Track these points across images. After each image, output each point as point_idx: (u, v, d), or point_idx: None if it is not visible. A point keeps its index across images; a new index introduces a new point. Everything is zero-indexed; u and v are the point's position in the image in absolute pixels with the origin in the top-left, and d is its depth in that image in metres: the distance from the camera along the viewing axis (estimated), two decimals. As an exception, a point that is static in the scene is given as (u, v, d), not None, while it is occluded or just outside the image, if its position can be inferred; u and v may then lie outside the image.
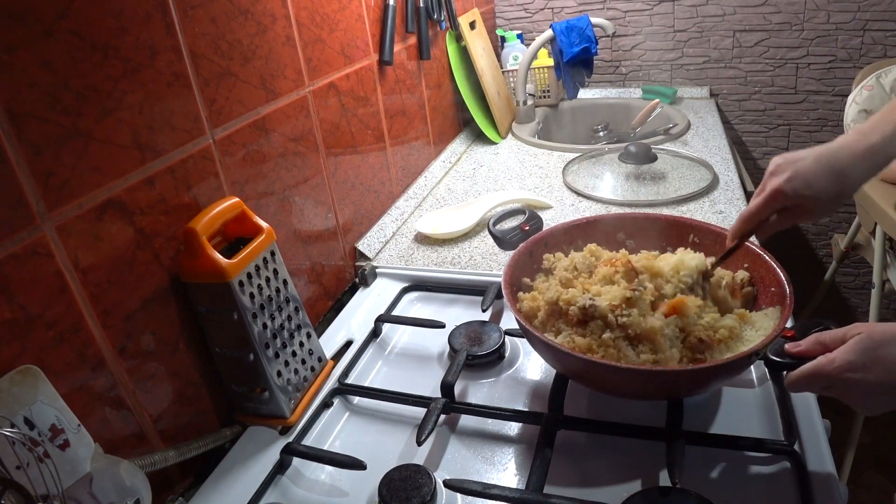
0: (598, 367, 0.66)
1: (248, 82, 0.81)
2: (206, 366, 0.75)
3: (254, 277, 0.74)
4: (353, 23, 1.07)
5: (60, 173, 0.57)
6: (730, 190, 1.25)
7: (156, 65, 0.67)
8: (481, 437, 0.76)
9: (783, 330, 0.66)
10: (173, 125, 0.69)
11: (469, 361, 0.84)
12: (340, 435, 0.79)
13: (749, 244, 0.81)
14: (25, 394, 0.51)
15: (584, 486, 0.68)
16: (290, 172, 0.91)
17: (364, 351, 0.92)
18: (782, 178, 0.65)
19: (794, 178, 0.64)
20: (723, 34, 1.80)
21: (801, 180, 0.64)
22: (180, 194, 0.71)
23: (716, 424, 0.72)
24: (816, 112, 1.85)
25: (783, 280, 0.73)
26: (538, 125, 1.78)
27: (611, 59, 1.96)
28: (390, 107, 1.23)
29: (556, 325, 0.75)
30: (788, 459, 0.67)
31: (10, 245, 0.53)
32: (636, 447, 0.70)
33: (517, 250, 0.85)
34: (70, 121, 0.57)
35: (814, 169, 0.64)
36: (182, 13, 0.69)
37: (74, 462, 0.54)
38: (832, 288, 2.02)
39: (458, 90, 1.58)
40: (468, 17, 1.60)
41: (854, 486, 1.66)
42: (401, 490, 0.65)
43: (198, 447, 0.71)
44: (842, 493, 0.63)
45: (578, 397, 0.78)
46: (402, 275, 1.09)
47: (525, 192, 1.35)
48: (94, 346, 0.61)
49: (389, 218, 1.23)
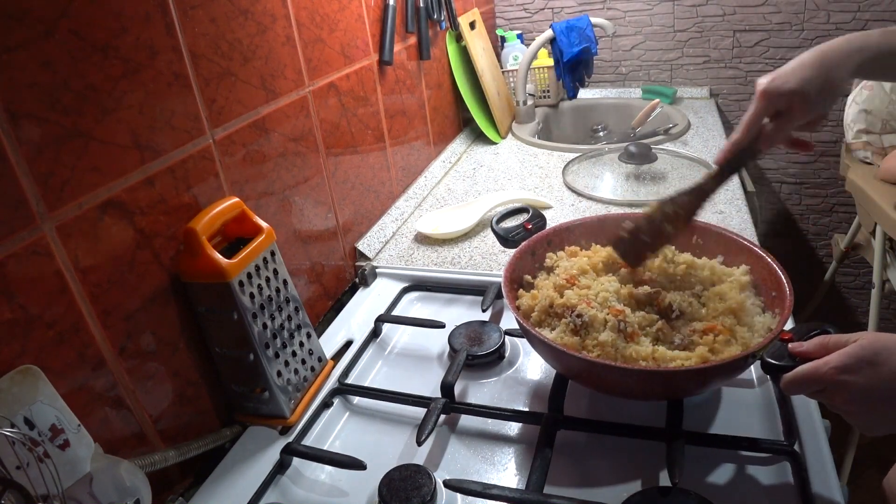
0: (598, 367, 0.66)
1: (248, 82, 0.81)
2: (206, 366, 0.75)
3: (254, 277, 0.74)
4: (353, 23, 1.07)
5: (60, 173, 0.57)
6: (730, 190, 1.25)
7: (156, 65, 0.67)
8: (481, 437, 0.76)
9: (781, 332, 0.66)
10: (173, 125, 0.69)
11: (469, 361, 0.84)
12: (340, 435, 0.79)
13: (749, 244, 0.81)
14: (25, 394, 0.51)
15: (584, 486, 0.68)
16: (290, 172, 0.91)
17: (364, 351, 0.92)
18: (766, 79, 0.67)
19: (776, 77, 0.67)
20: (723, 34, 1.80)
21: (783, 77, 0.66)
22: (180, 194, 0.71)
23: (716, 424, 0.72)
24: (816, 112, 1.85)
25: (783, 281, 0.73)
26: (538, 125, 1.78)
27: (611, 59, 1.96)
28: (390, 107, 1.23)
29: (550, 323, 0.76)
30: (788, 459, 0.67)
31: (10, 245, 0.53)
32: (636, 447, 0.70)
33: (519, 248, 0.85)
34: (70, 121, 0.57)
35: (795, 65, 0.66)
36: (182, 13, 0.69)
37: (74, 462, 0.54)
38: (832, 288, 2.02)
39: (458, 90, 1.58)
40: (468, 17, 1.60)
41: (854, 486, 1.66)
42: (401, 490, 0.65)
43: (198, 447, 0.71)
44: (842, 493, 0.63)
45: (578, 397, 0.78)
46: (402, 275, 1.09)
47: (525, 191, 1.35)
48: (94, 346, 0.61)
49: (389, 218, 1.23)
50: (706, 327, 0.72)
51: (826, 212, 2.00)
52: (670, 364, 0.68)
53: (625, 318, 0.71)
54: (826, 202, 1.98)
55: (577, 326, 0.71)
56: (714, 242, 0.85)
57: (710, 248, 0.85)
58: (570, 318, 0.72)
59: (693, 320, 0.74)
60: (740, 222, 1.12)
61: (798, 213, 2.03)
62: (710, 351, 0.69)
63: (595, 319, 0.71)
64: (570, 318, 0.72)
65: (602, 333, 0.70)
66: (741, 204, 1.19)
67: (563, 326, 0.73)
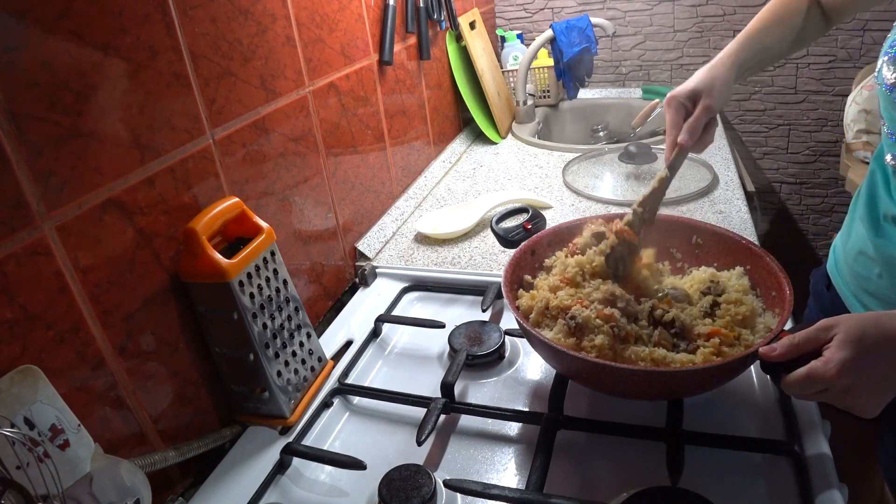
0: (598, 368, 0.66)
1: (248, 82, 0.81)
2: (206, 366, 0.75)
3: (254, 277, 0.74)
4: (353, 23, 1.07)
5: (60, 173, 0.57)
6: (730, 190, 1.25)
7: (156, 65, 0.67)
8: (481, 437, 0.76)
9: (781, 332, 0.66)
10: (173, 125, 0.69)
11: (469, 361, 0.84)
12: (340, 435, 0.79)
13: (749, 244, 0.81)
14: (25, 394, 0.51)
15: (584, 486, 0.68)
16: (290, 172, 0.91)
17: (364, 351, 0.92)
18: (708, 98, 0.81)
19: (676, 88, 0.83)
20: (723, 34, 1.80)
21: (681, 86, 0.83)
22: (180, 194, 0.71)
23: (716, 424, 0.72)
24: (816, 112, 1.85)
25: (783, 282, 0.73)
26: (538, 125, 1.78)
27: (611, 59, 1.96)
28: (390, 107, 1.23)
29: (549, 324, 0.76)
30: (788, 459, 0.67)
31: (10, 245, 0.53)
32: (636, 447, 0.70)
33: (518, 249, 0.85)
34: (70, 121, 0.57)
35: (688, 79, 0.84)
36: (182, 13, 0.69)
37: (74, 462, 0.54)
38: (832, 288, 2.02)
39: (458, 90, 1.58)
40: (468, 17, 1.60)
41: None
42: (401, 490, 0.65)
43: (198, 447, 0.71)
44: (842, 493, 0.63)
45: (578, 397, 0.78)
46: (402, 275, 1.09)
47: (525, 191, 1.35)
48: (94, 346, 0.61)
49: (389, 218, 1.23)
50: (711, 331, 0.72)
51: (826, 212, 2.00)
52: (670, 364, 0.68)
53: (616, 323, 0.71)
54: (826, 202, 1.98)
55: (571, 328, 0.71)
56: (714, 242, 0.85)
57: (710, 247, 0.85)
58: (565, 319, 0.72)
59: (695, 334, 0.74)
60: (740, 222, 1.12)
61: (798, 213, 2.03)
62: (714, 354, 0.69)
63: (589, 320, 0.71)
64: (564, 319, 0.72)
65: (598, 337, 0.70)
66: (741, 204, 1.19)
67: (558, 327, 0.73)
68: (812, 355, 0.58)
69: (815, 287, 0.98)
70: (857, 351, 0.55)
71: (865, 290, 0.82)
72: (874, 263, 0.79)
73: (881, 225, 0.78)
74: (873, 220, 0.79)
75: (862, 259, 0.82)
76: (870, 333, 0.56)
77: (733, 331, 0.72)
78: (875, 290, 0.80)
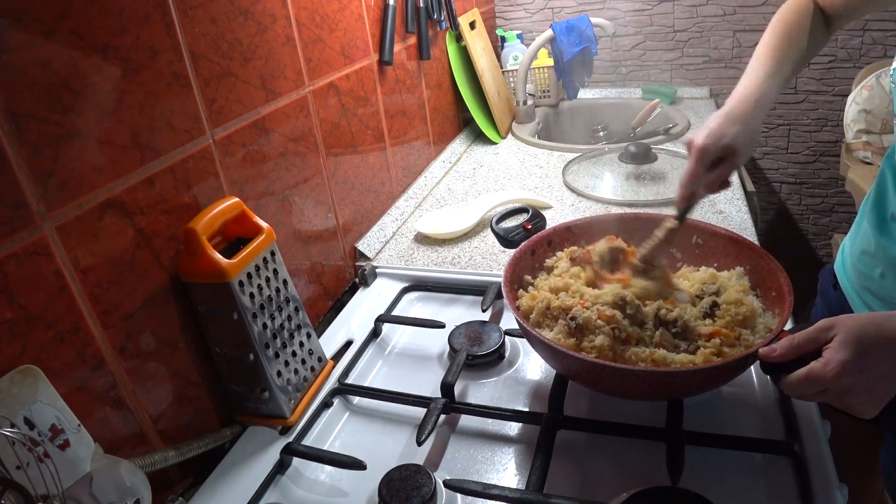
0: (598, 368, 0.66)
1: (248, 82, 0.81)
2: (206, 366, 0.75)
3: (254, 277, 0.74)
4: (353, 23, 1.07)
5: (60, 173, 0.57)
6: (730, 190, 1.24)
7: (156, 65, 0.67)
8: (481, 437, 0.76)
9: (781, 332, 0.66)
10: (173, 125, 0.69)
11: (469, 361, 0.84)
12: (340, 435, 0.79)
13: (749, 244, 0.81)
14: (25, 394, 0.51)
15: (584, 486, 0.68)
16: (290, 172, 0.91)
17: (364, 351, 0.92)
18: (699, 137, 0.75)
19: (709, 135, 0.75)
20: (723, 34, 1.80)
21: (715, 134, 0.74)
22: (180, 194, 0.71)
23: (716, 424, 0.72)
24: (816, 112, 1.85)
25: (783, 282, 0.73)
26: (538, 125, 1.77)
27: (611, 59, 1.96)
28: (390, 107, 1.23)
29: (549, 324, 0.76)
30: (788, 459, 0.67)
31: (10, 245, 0.53)
32: (636, 447, 0.70)
33: (518, 249, 0.85)
34: (70, 121, 0.57)
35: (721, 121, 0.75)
36: (182, 13, 0.69)
37: (74, 462, 0.54)
38: (832, 288, 2.02)
39: (458, 90, 1.58)
40: (468, 17, 1.60)
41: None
42: (401, 490, 0.65)
43: (198, 447, 0.71)
44: (842, 493, 0.63)
45: (578, 397, 0.78)
46: (402, 275, 1.09)
47: (525, 191, 1.35)
48: (94, 346, 0.61)
49: (389, 218, 1.23)
50: (712, 331, 0.72)
51: (826, 212, 2.00)
52: (670, 365, 0.68)
53: (618, 324, 0.71)
54: (826, 202, 1.98)
55: (571, 329, 0.71)
56: (714, 242, 0.85)
57: (710, 247, 0.85)
58: (566, 320, 0.72)
59: (695, 334, 0.73)
60: (740, 222, 1.12)
61: (798, 213, 2.03)
62: (714, 354, 0.69)
63: (589, 321, 0.71)
64: (565, 320, 0.72)
65: (598, 338, 0.70)
66: (741, 204, 1.19)
67: (559, 328, 0.73)
68: (812, 356, 0.58)
69: (822, 286, 0.97)
70: (857, 352, 0.55)
71: (868, 290, 0.82)
72: (877, 263, 0.79)
73: (888, 224, 0.78)
74: (880, 219, 0.79)
75: (865, 258, 0.82)
76: (869, 334, 0.56)
77: (734, 331, 0.72)
78: (878, 289, 0.80)
